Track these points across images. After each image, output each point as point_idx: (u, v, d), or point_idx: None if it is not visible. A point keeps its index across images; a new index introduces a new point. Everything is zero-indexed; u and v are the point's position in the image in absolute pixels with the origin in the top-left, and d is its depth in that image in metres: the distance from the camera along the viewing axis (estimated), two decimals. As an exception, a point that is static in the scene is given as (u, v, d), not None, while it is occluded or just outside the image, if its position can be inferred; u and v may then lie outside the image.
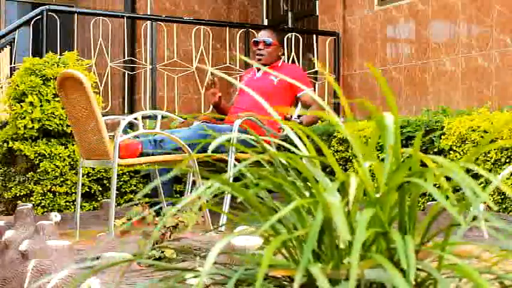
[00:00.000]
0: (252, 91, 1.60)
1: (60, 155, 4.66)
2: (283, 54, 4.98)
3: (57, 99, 4.60)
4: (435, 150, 4.13)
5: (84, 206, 4.72)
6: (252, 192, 1.33)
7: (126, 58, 6.77)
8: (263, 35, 4.79)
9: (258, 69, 4.79)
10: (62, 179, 4.66)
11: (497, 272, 1.31)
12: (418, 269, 1.25)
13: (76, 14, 6.33)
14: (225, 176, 1.31)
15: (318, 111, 4.51)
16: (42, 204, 4.64)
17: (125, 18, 6.64)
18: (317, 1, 7.57)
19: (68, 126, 4.60)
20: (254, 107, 4.27)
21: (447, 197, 1.26)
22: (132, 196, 4.94)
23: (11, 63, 6.23)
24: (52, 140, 4.72)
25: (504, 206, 3.65)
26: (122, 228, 2.92)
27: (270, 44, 4.71)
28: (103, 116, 3.71)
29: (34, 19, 5.70)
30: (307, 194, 1.35)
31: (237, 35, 6.82)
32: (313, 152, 1.44)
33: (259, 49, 4.70)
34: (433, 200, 3.76)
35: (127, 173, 4.92)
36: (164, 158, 3.82)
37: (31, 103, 4.60)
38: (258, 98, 1.57)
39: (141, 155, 3.80)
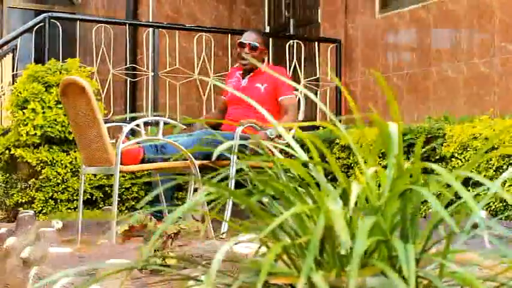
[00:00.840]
0: (244, 101, 1.62)
1: (62, 161, 4.66)
2: (267, 55, 4.93)
3: (59, 106, 4.60)
4: (437, 157, 4.13)
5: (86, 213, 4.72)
6: (254, 199, 1.32)
7: (128, 65, 6.76)
8: (249, 38, 4.69)
9: (242, 75, 4.72)
10: (63, 186, 4.66)
11: (500, 280, 1.31)
12: (419, 277, 1.24)
13: (78, 21, 6.33)
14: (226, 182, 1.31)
15: (287, 122, 4.45)
16: (44, 211, 4.64)
17: (127, 25, 6.64)
18: (319, 8, 7.58)
19: (70, 133, 4.59)
20: (248, 117, 4.23)
21: (448, 205, 1.25)
22: (133, 203, 4.94)
23: (13, 70, 6.24)
24: (54, 146, 4.72)
25: (506, 214, 3.63)
26: (123, 236, 2.92)
27: (256, 49, 4.65)
28: (105, 122, 3.71)
29: (36, 26, 5.70)
30: (309, 200, 1.35)
31: (239, 42, 6.82)
32: (317, 158, 1.44)
33: (245, 53, 4.63)
34: (435, 207, 3.74)
35: (128, 180, 4.91)
36: (167, 165, 3.82)
37: (33, 110, 4.61)
38: (262, 110, 1.58)
39: (143, 160, 3.79)
